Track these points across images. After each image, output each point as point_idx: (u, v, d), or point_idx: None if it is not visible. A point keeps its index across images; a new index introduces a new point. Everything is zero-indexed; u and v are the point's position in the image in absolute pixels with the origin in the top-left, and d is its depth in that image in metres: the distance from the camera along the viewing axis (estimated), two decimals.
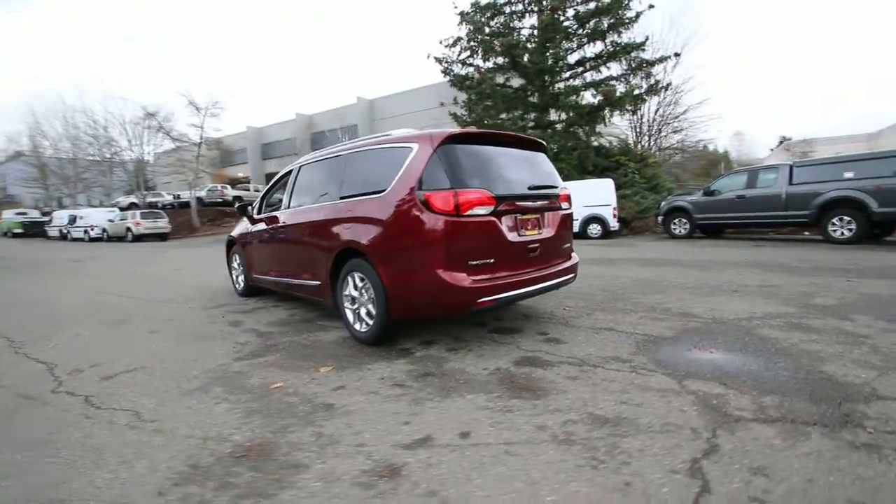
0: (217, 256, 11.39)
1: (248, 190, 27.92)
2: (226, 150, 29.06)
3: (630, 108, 15.84)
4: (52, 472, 1.75)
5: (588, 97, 16.28)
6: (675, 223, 11.51)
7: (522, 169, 3.22)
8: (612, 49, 16.37)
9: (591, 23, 16.11)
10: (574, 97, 15.89)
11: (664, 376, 2.49)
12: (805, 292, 4.38)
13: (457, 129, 2.99)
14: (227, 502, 1.54)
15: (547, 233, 3.25)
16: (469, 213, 2.73)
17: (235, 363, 2.98)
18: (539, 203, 3.19)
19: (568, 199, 3.54)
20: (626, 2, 15.70)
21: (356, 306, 3.27)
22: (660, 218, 12.04)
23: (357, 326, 3.29)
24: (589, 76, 17.17)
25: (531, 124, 17.45)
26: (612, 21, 15.99)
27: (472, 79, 17.84)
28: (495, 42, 16.38)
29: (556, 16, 15.61)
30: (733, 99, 53.78)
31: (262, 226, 4.70)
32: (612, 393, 2.29)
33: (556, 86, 17.13)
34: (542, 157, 3.49)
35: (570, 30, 16.27)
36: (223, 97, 52.94)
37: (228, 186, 27.60)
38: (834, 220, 8.51)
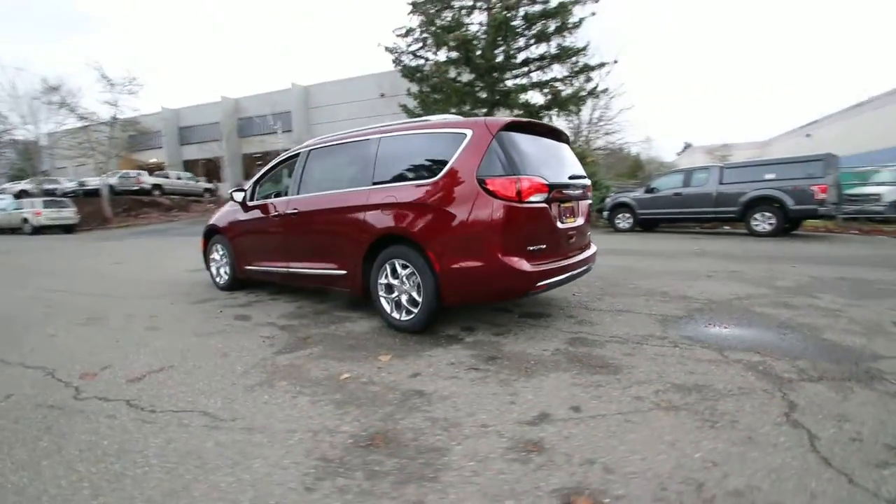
0: (153, 249, 10.32)
1: (169, 178, 25.34)
2: (143, 132, 26.04)
3: (574, 108, 16.76)
4: (160, 483, 1.55)
5: (536, 96, 16.95)
6: (619, 218, 12.48)
7: (558, 158, 3.36)
8: (556, 52, 17.16)
9: (539, 25, 16.75)
10: (524, 95, 16.45)
11: (704, 349, 2.76)
12: (767, 276, 5.03)
13: (507, 118, 3.03)
14: (389, 488, 1.49)
15: (580, 221, 3.42)
16: (529, 199, 2.80)
17: (279, 357, 2.79)
18: (576, 192, 3.34)
19: (591, 189, 3.74)
20: (570, 8, 16.53)
21: (395, 294, 3.20)
22: (605, 213, 12.98)
23: (396, 315, 3.22)
24: (535, 76, 17.87)
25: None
26: (557, 25, 16.75)
27: (422, 71, 17.76)
28: (448, 36, 16.43)
29: (508, 15, 16.02)
30: (643, 106, 59.26)
31: (257, 213, 4.38)
32: (674, 365, 2.50)
33: (506, 83, 17.61)
34: (568, 148, 3.65)
35: (518, 30, 16.79)
36: (142, 74, 47.35)
37: (145, 173, 24.80)
38: (756, 216, 9.76)
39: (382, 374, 2.47)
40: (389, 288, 3.26)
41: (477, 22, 18.07)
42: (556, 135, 3.51)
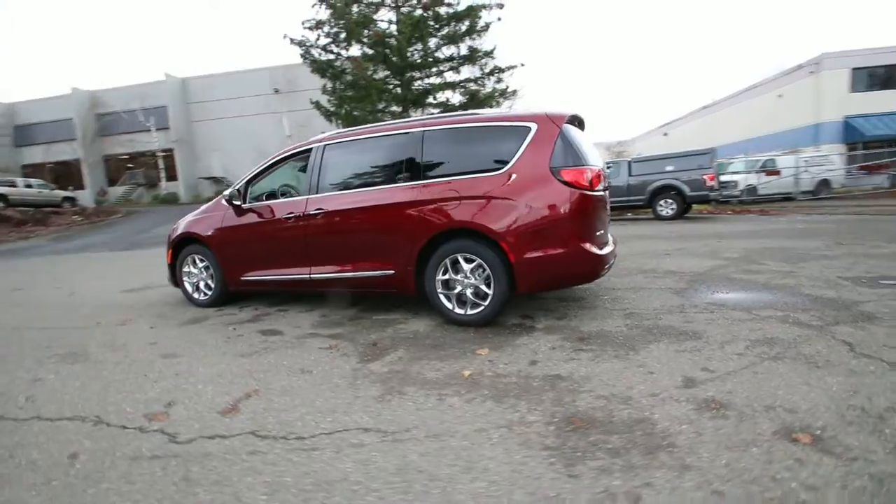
0: (44, 272, 8.41)
1: (16, 186, 20.62)
2: None
3: (491, 105, 17.57)
4: (413, 500, 1.41)
5: (452, 96, 17.40)
6: None
7: (592, 147, 3.61)
8: (467, 53, 17.80)
9: (450, 26, 17.21)
10: (441, 95, 16.79)
11: (735, 311, 3.24)
12: (711, 251, 5.96)
13: (567, 111, 3.17)
14: (642, 459, 1.54)
15: (608, 209, 3.72)
16: (597, 188, 2.99)
17: (371, 365, 2.58)
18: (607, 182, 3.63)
19: None
20: (478, 12, 17.27)
21: (458, 289, 3.16)
22: None
23: (459, 311, 3.18)
24: (448, 76, 18.33)
25: (388, 118, 17.72)
26: (467, 26, 17.37)
27: (335, 67, 17.07)
28: (362, 31, 16.02)
29: (425, 14, 16.15)
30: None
31: (253, 217, 3.92)
32: (732, 326, 2.91)
33: (423, 81, 17.78)
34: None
35: (431, 30, 17.04)
36: None
37: None
38: (661, 203, 11.35)
39: (500, 367, 2.46)
40: (448, 284, 3.20)
41: (385, 19, 17.94)
42: (583, 125, 3.76)
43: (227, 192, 3.97)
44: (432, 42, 17.45)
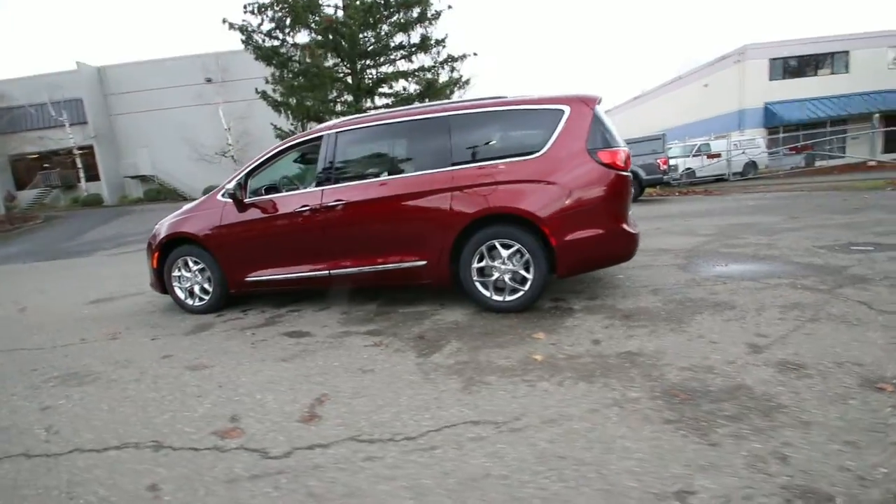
0: None
1: None
2: None
3: (447, 95, 17.46)
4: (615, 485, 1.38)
5: (407, 86, 17.11)
6: None
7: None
8: (420, 41, 17.54)
9: (401, 13, 16.84)
10: (398, 84, 16.47)
11: (745, 282, 3.48)
12: (687, 229, 6.35)
13: (595, 93, 3.19)
14: (766, 424, 1.62)
15: None
16: (629, 169, 3.07)
17: (433, 358, 2.49)
18: None
19: None
20: (427, 1, 17.01)
21: (495, 276, 3.13)
22: None
23: (497, 297, 3.15)
24: (401, 65, 17.98)
25: (341, 108, 17.12)
26: (419, 13, 17.09)
27: (281, 54, 16.16)
28: (310, 17, 15.27)
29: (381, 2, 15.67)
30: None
31: (257, 212, 3.63)
32: (755, 295, 3.12)
33: (376, 70, 17.33)
34: None
35: (381, 15, 16.58)
36: None
37: None
38: None
39: (567, 349, 2.47)
40: (482, 271, 3.16)
41: (332, 4, 17.23)
42: None
43: (229, 186, 3.62)
44: (384, 29, 17.02)
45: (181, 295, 3.97)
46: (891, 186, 9.29)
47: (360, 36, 15.99)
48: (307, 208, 3.44)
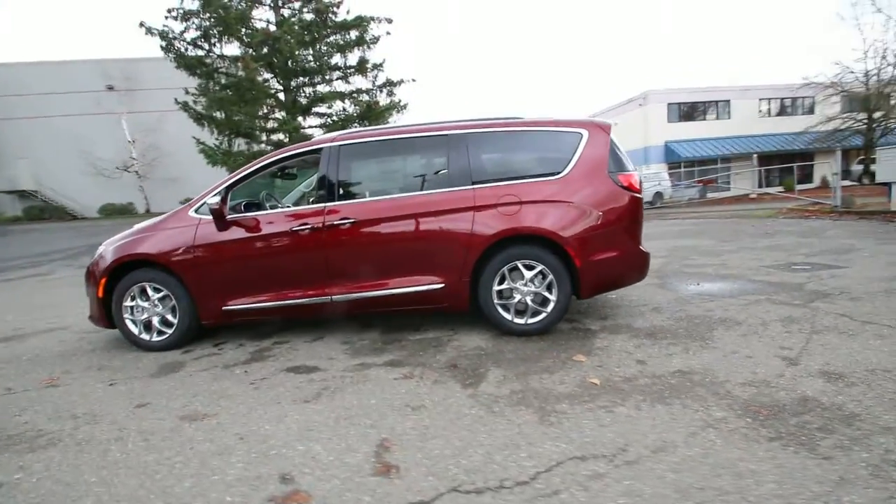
0: None
1: None
2: None
3: (385, 121, 17.37)
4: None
5: (347, 107, 16.81)
6: None
7: None
8: (357, 64, 17.42)
9: (340, 34, 16.64)
10: (339, 105, 16.09)
11: (727, 299, 3.77)
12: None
13: (608, 120, 3.29)
14: (838, 450, 1.68)
15: None
16: (642, 191, 3.19)
17: (482, 389, 2.30)
18: None
19: None
20: (367, 24, 17.05)
21: (517, 298, 3.04)
22: None
23: (519, 320, 3.06)
24: (337, 86, 17.65)
25: (272, 125, 16.32)
26: (357, 36, 17.01)
27: (207, 64, 15.03)
28: (241, 28, 14.46)
29: (318, 19, 15.27)
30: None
31: (241, 231, 3.19)
32: (746, 310, 3.37)
33: (312, 89, 16.82)
34: None
35: (319, 35, 16.24)
36: None
37: None
38: None
39: (617, 370, 2.43)
40: (502, 294, 3.06)
41: (263, 19, 16.54)
42: None
43: (210, 200, 3.11)
44: (322, 49, 16.64)
45: (134, 329, 3.31)
46: (782, 215, 10.90)
47: (297, 53, 15.46)
48: (307, 227, 3.09)
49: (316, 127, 17.36)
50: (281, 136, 16.70)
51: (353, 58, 17.29)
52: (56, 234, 18.29)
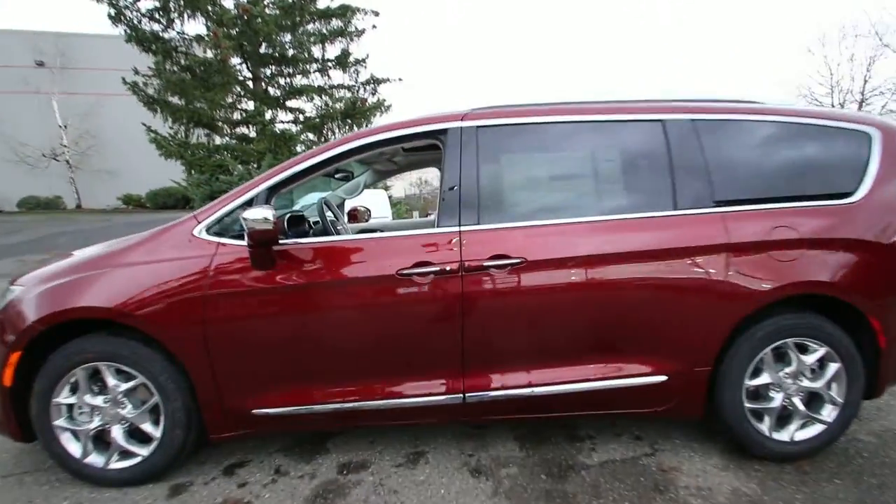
0: None
1: None
2: None
3: (370, 119, 15.85)
4: None
5: (329, 102, 15.21)
6: None
7: None
8: (339, 56, 15.89)
9: (322, 22, 15.07)
10: (318, 99, 14.46)
11: None
12: None
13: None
14: None
15: None
16: None
17: None
18: None
19: None
20: (352, 14, 15.58)
21: (776, 400, 1.81)
22: None
23: (780, 436, 1.82)
24: (315, 78, 16.00)
25: (238, 117, 14.29)
26: (339, 27, 15.51)
27: (165, 41, 12.91)
28: (214, 6, 12.53)
29: (303, 3, 13.60)
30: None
31: (295, 272, 1.74)
32: None
33: (287, 80, 15.08)
34: None
35: (301, 19, 14.55)
36: None
37: None
38: None
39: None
40: (758, 393, 1.83)
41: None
42: None
43: (250, 214, 1.60)
44: (302, 35, 14.93)
45: (74, 448, 1.75)
46: None
47: (274, 37, 13.69)
48: (430, 270, 1.69)
49: (289, 122, 15.53)
50: (246, 129, 14.72)
51: (334, 50, 15.79)
52: None
